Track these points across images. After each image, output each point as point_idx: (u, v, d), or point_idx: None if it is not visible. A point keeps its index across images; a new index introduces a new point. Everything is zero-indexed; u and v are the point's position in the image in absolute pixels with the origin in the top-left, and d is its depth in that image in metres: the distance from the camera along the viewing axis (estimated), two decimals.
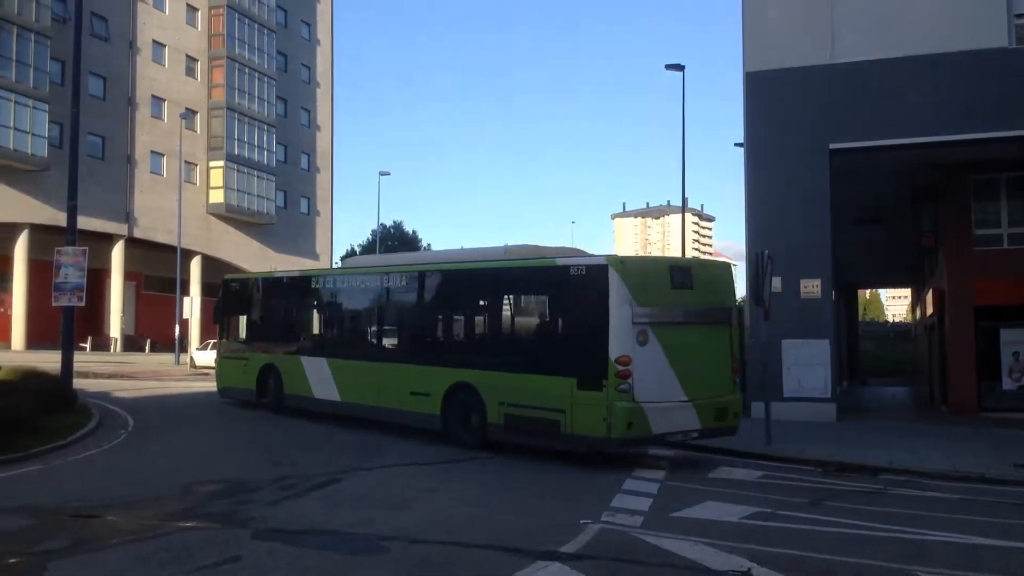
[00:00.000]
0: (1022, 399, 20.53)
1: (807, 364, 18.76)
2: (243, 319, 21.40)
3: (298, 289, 20.19)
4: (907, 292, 48.69)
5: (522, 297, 14.74)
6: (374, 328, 17.38)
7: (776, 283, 17.37)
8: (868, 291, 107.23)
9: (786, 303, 18.35)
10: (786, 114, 19.80)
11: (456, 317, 15.64)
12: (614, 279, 12.37)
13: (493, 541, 8.09)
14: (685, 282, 13.23)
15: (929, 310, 27.28)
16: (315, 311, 19.48)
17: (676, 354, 12.67)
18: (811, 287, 19.01)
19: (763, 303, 15.34)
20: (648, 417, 12.29)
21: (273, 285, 21.32)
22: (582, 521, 8.68)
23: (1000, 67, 18.14)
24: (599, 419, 12.19)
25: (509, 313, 14.77)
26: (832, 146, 19.11)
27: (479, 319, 15.30)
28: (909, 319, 54.54)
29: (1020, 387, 20.77)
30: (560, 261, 13.67)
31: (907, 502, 10.51)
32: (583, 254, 14.51)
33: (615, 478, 11.38)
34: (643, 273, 13.39)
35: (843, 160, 19.31)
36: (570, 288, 13.20)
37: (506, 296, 14.73)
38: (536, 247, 15.36)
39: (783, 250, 17.85)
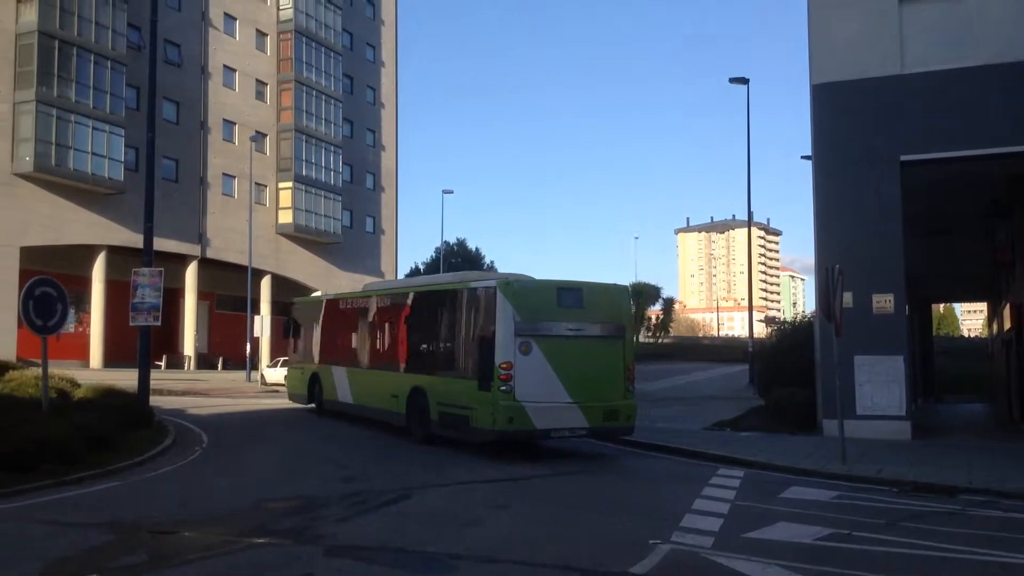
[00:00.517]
0: None
1: (881, 381, 18.33)
2: (302, 334, 24.53)
3: (326, 309, 23.05)
4: (983, 306, 47.29)
5: (448, 313, 17.03)
6: (366, 341, 20.35)
7: (847, 298, 17.05)
8: (942, 305, 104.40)
9: (858, 319, 17.97)
10: (855, 126, 19.46)
11: (414, 331, 18.23)
12: (500, 299, 14.93)
13: (563, 561, 8.06)
14: (573, 302, 15.57)
15: (1007, 325, 26.46)
16: (336, 327, 22.24)
17: (561, 363, 15.05)
18: (884, 302, 18.59)
19: (834, 319, 15.06)
20: (529, 414, 14.80)
21: (313, 305, 24.36)
22: (651, 541, 8.60)
23: None
24: (488, 415, 14.79)
25: (442, 327, 17.32)
26: (903, 158, 18.71)
27: (426, 332, 17.95)
28: (985, 334, 52.96)
29: None
30: (472, 284, 16.31)
31: (987, 523, 10.19)
32: (521, 277, 16.45)
33: (685, 497, 11.25)
34: (529, 294, 15.46)
35: (916, 172, 18.88)
36: (474, 305, 15.92)
37: (441, 312, 17.32)
38: (482, 272, 17.98)
39: (854, 264, 17.51)
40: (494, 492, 12.03)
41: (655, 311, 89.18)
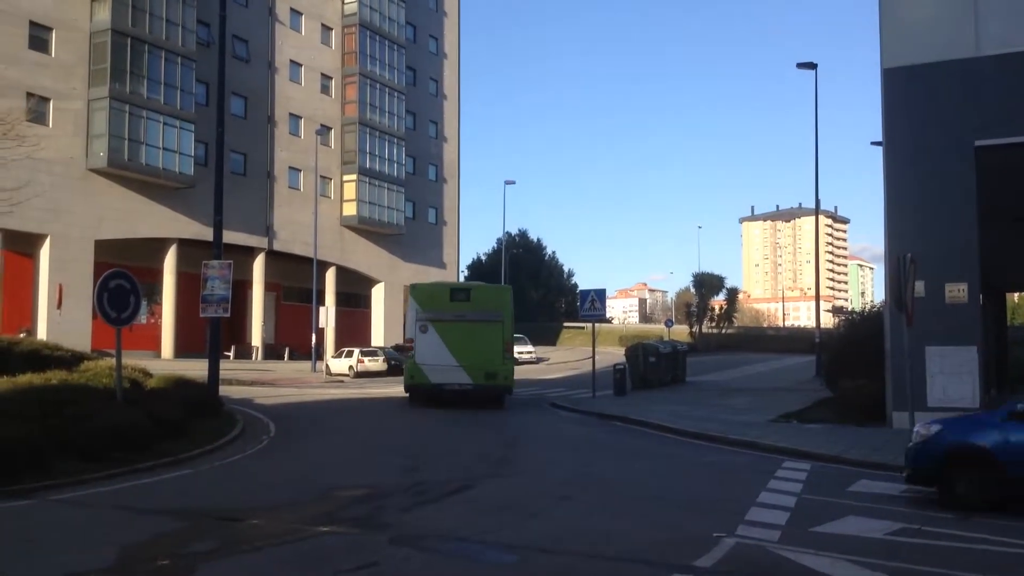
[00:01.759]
0: None
1: (953, 372, 17.84)
2: None
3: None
4: None
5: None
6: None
7: (919, 287, 16.63)
8: (1016, 294, 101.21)
9: (930, 308, 17.50)
10: (927, 111, 18.92)
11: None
12: (409, 297, 23.33)
13: (625, 553, 8.03)
14: (463, 297, 22.74)
15: None
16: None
17: (450, 338, 22.00)
18: (957, 291, 18.08)
19: (905, 308, 14.72)
20: (426, 373, 22.18)
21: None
22: (715, 534, 8.49)
23: None
24: (406, 373, 23.06)
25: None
26: (978, 143, 18.14)
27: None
28: None
29: None
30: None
31: None
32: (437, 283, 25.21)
33: (750, 490, 11.10)
34: (428, 292, 23.78)
35: (992, 157, 18.29)
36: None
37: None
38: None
39: (926, 253, 17.05)
40: (558, 483, 12.03)
41: (719, 301, 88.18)
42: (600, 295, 27.60)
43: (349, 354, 42.24)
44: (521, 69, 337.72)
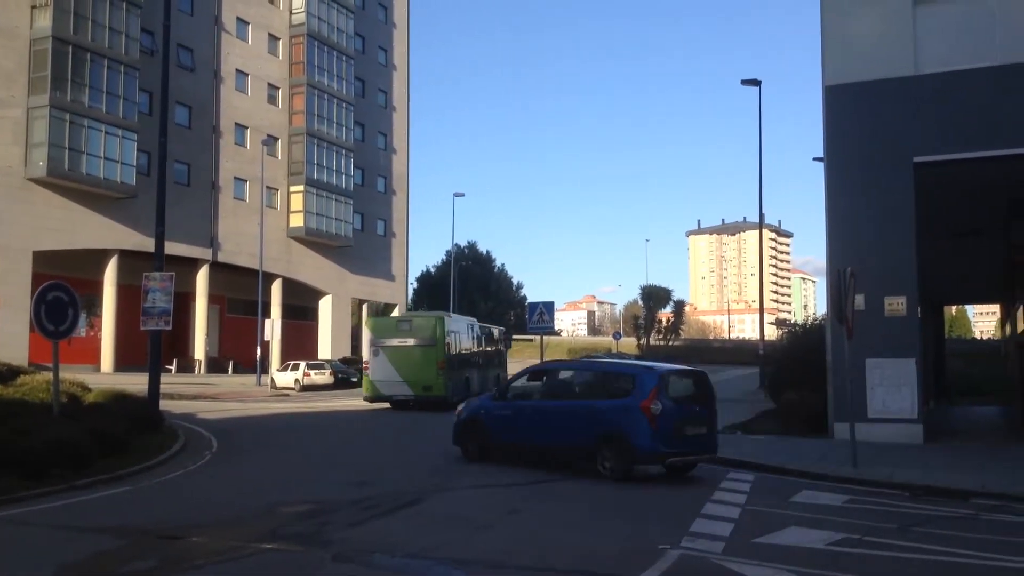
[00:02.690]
0: None
1: (892, 384, 18.21)
2: None
3: None
4: (996, 308, 47.00)
5: None
6: None
7: (859, 300, 16.95)
8: (954, 307, 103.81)
9: (870, 321, 17.86)
10: (867, 128, 19.35)
11: None
12: (364, 327, 29.94)
13: (573, 566, 8.03)
14: (406, 327, 28.25)
15: (1020, 327, 26.28)
16: None
17: (396, 360, 27.36)
18: (896, 304, 18.48)
19: (846, 321, 14.98)
20: (379, 388, 27.73)
21: None
22: (660, 546, 8.54)
23: None
24: (364, 387, 28.55)
25: None
26: (917, 159, 18.59)
27: None
28: (998, 336, 52.63)
29: None
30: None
31: (1000, 528, 10.11)
32: (388, 317, 32.58)
33: (695, 502, 11.19)
34: (380, 323, 30.70)
35: (930, 173, 18.76)
36: None
37: None
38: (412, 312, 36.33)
39: (866, 266, 17.40)
40: (506, 497, 12.00)
41: (666, 313, 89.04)
42: (549, 307, 27.72)
43: (295, 367, 41.81)
44: (471, 82, 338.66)
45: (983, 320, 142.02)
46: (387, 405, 28.31)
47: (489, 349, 33.92)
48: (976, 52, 18.39)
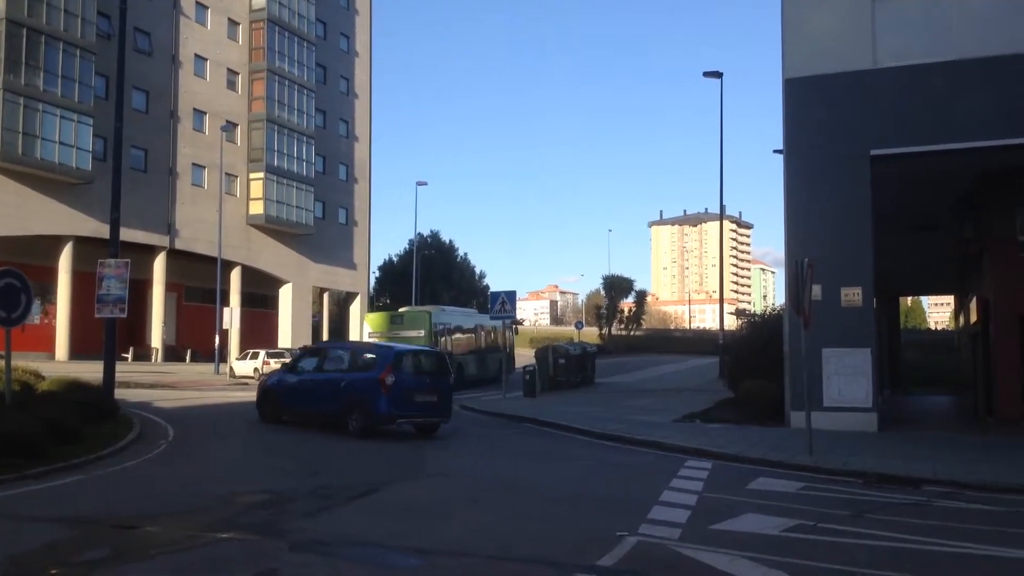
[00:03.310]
0: None
1: (848, 373, 18.48)
2: None
3: None
4: (950, 299, 47.89)
5: None
6: None
7: (816, 291, 17.15)
8: (910, 298, 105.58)
9: (826, 311, 18.09)
10: (826, 120, 19.57)
11: None
12: (365, 322, 35.02)
13: (532, 554, 8.05)
14: (398, 321, 33.29)
15: (973, 318, 26.81)
16: None
17: None
18: (852, 295, 18.74)
19: (803, 311, 15.15)
20: None
21: None
22: (618, 533, 8.59)
23: None
24: None
25: None
26: (873, 152, 18.84)
27: None
28: (952, 327, 53.64)
29: None
30: None
31: (951, 515, 10.29)
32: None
33: (653, 489, 11.26)
34: (377, 318, 34.98)
35: (886, 166, 19.02)
36: None
37: None
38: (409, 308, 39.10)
39: (823, 258, 17.61)
40: (466, 486, 12.00)
41: (628, 303, 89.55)
42: (511, 297, 27.69)
43: (254, 356, 41.43)
44: (435, 70, 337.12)
45: (938, 311, 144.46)
46: None
47: (490, 337, 37.38)
48: (933, 47, 18.66)
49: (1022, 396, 20.48)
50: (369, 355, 18.77)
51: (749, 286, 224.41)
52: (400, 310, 36.38)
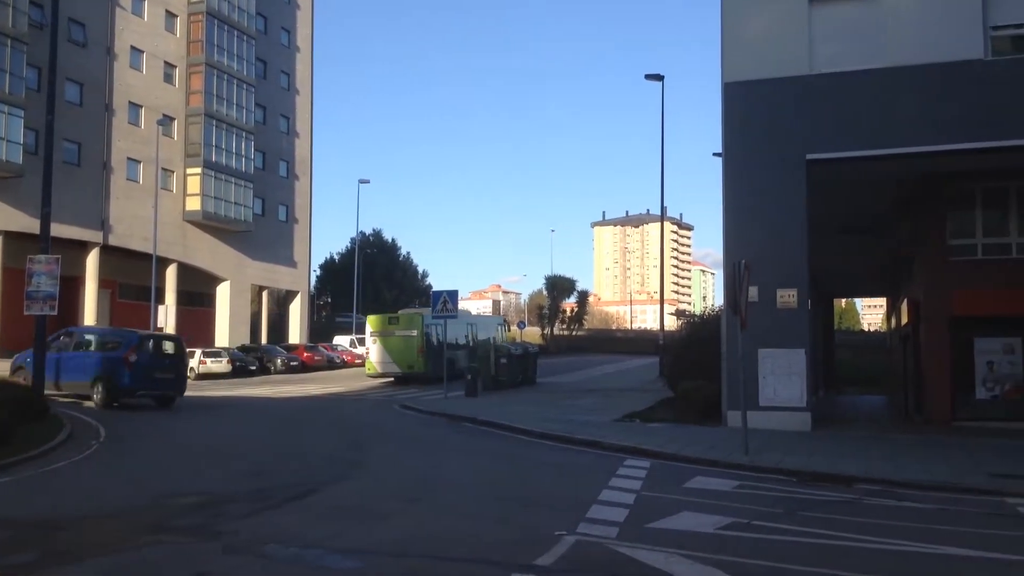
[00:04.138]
0: (996, 409, 20.69)
1: (783, 373, 18.82)
2: None
3: None
4: (883, 301, 49.04)
5: None
6: None
7: (753, 292, 17.44)
8: (844, 300, 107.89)
9: (763, 312, 18.41)
10: (763, 125, 19.90)
11: None
12: (367, 323, 39.01)
13: (469, 554, 8.04)
14: (393, 322, 37.36)
15: (904, 320, 27.48)
16: None
17: (388, 347, 36.52)
18: (787, 297, 19.08)
19: (740, 312, 15.38)
20: (377, 367, 37.10)
21: None
22: (557, 532, 8.62)
23: (976, 79, 18.31)
24: (367, 367, 38.73)
25: None
26: (809, 156, 19.21)
27: None
28: (884, 328, 54.94)
29: (994, 397, 20.93)
30: None
31: (882, 512, 10.53)
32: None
33: (592, 488, 11.33)
34: (377, 319, 38.60)
35: (821, 170, 19.41)
36: None
37: None
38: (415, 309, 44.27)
39: (760, 260, 17.91)
40: (406, 486, 11.94)
41: (570, 303, 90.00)
42: (452, 296, 27.66)
43: (190, 355, 40.68)
44: (378, 66, 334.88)
45: (871, 313, 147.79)
46: (289, 393, 28.70)
47: (481, 336, 41.08)
48: (867, 53, 19.09)
49: (950, 396, 21.07)
50: (116, 338, 22.92)
51: (689, 287, 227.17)
52: (398, 312, 40.90)
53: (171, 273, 53.12)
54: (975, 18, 18.51)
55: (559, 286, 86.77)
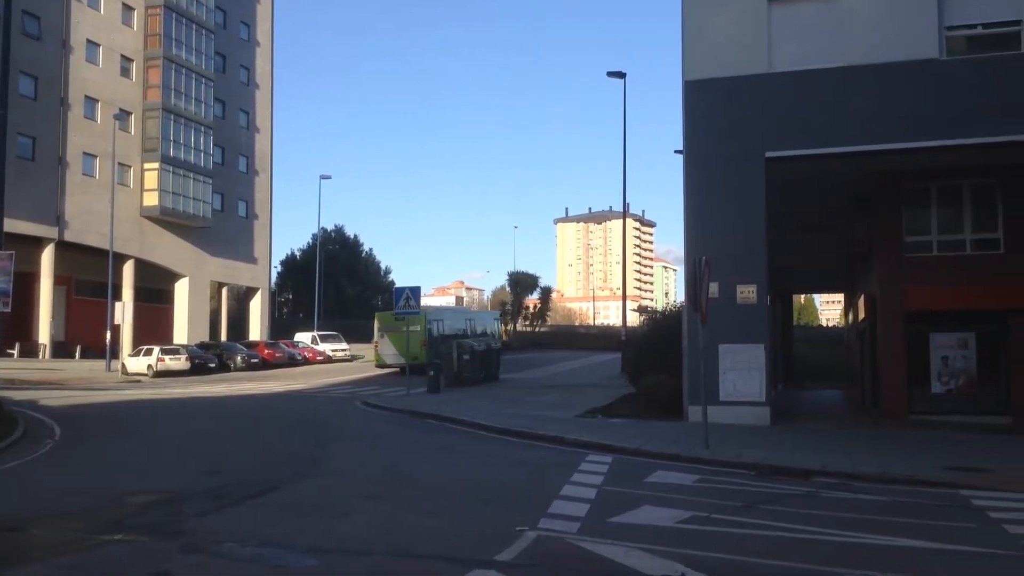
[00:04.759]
0: (951, 403, 21.07)
1: (743, 368, 19.01)
2: None
3: None
4: (841, 297, 49.73)
5: None
6: None
7: (713, 288, 17.58)
8: (803, 296, 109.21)
9: (723, 308, 18.58)
10: (724, 122, 20.06)
11: None
12: (376, 319, 41.66)
13: (431, 550, 8.03)
14: (400, 319, 33.03)
15: (861, 315, 27.87)
16: None
17: (395, 341, 38.60)
18: (747, 292, 19.27)
19: (700, 308, 15.50)
20: (384, 359, 40.07)
21: None
22: (518, 528, 8.64)
23: (931, 78, 18.60)
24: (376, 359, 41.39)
25: None
26: (768, 154, 19.40)
27: None
28: (842, 324, 55.73)
29: (949, 391, 21.31)
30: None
31: (838, 505, 10.68)
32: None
33: (554, 484, 11.36)
34: (385, 317, 40.14)
35: (781, 168, 19.61)
36: None
37: None
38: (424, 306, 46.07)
39: (720, 256, 18.07)
40: (367, 483, 11.89)
41: (533, 300, 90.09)
42: (415, 292, 27.60)
43: (148, 352, 40.22)
44: (339, 62, 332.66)
45: (829, 308, 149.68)
46: (250, 391, 28.58)
47: (481, 330, 47.90)
48: (826, 53, 19.32)
49: (906, 390, 21.42)
50: None
51: (652, 283, 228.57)
52: (399, 312, 44.23)
53: (128, 269, 52.41)
54: (931, 18, 18.80)
55: (522, 282, 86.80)
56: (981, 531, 9.28)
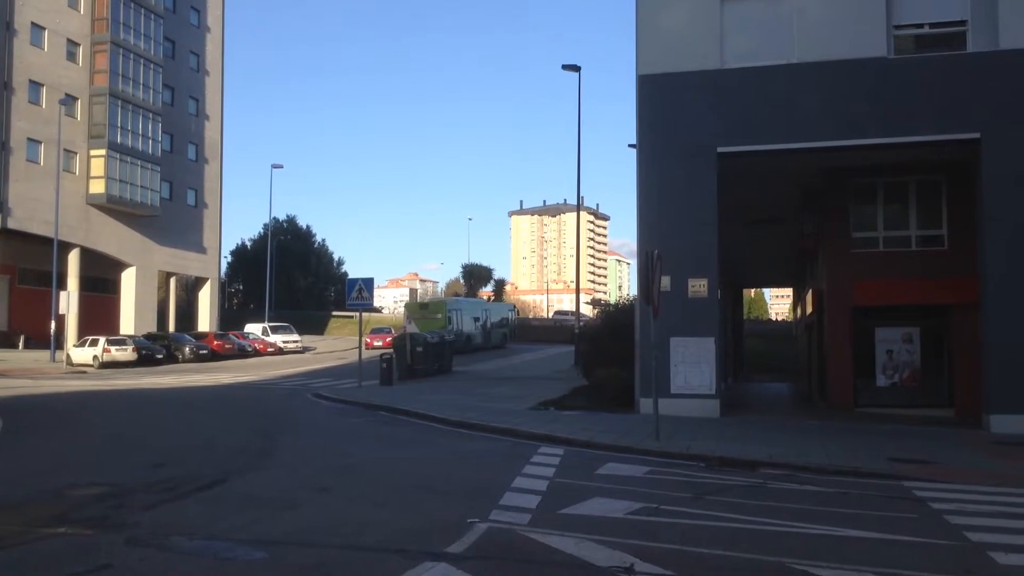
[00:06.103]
0: (895, 395, 21.53)
1: (693, 361, 19.21)
2: None
3: None
4: (790, 291, 50.45)
5: None
6: None
7: (665, 282, 17.74)
8: (753, 290, 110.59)
9: (674, 302, 18.75)
10: (676, 117, 20.20)
11: None
12: (405, 309, 53.51)
13: (381, 542, 7.98)
14: (425, 308, 49.53)
15: (809, 309, 28.32)
16: None
17: (420, 326, 43.32)
18: (698, 286, 19.46)
19: (652, 301, 15.62)
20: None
21: None
22: (469, 520, 8.64)
23: (879, 76, 18.92)
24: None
25: None
26: (720, 149, 19.61)
27: None
28: (791, 318, 56.54)
29: (893, 384, 21.77)
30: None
31: (785, 496, 10.84)
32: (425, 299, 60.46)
33: (505, 476, 11.38)
34: (412, 305, 52.80)
35: (732, 163, 19.82)
36: None
37: None
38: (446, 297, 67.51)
39: (672, 250, 18.24)
40: (317, 475, 11.79)
41: (487, 292, 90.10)
42: (368, 284, 27.38)
43: (94, 343, 39.51)
44: (292, 52, 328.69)
45: (779, 303, 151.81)
46: (198, 382, 28.32)
47: (495, 318, 56.56)
48: (776, 49, 19.56)
49: (852, 383, 21.82)
50: None
51: (606, 276, 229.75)
52: (426, 300, 53.44)
53: (74, 258, 51.33)
54: (879, 17, 19.12)
55: (476, 274, 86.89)
56: (923, 522, 9.48)
